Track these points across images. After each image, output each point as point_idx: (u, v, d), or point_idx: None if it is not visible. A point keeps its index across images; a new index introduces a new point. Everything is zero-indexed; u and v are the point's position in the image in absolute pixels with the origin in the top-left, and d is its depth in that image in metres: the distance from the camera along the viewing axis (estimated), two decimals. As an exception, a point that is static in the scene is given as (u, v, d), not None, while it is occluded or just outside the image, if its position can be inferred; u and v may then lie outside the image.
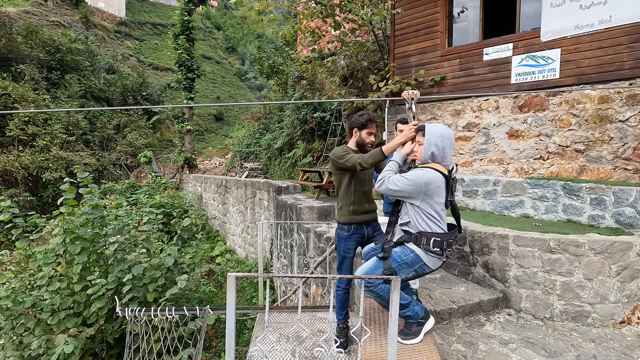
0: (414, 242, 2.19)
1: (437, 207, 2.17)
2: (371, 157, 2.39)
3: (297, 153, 10.96)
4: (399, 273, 2.18)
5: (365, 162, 2.39)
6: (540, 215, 4.72)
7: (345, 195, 2.65)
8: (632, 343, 3.27)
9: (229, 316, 1.80)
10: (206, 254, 7.95)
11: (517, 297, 3.78)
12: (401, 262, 2.18)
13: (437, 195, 2.14)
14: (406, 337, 2.30)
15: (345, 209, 2.65)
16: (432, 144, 2.15)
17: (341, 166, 2.58)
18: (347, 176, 2.64)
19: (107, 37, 27.65)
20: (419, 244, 2.18)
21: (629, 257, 3.41)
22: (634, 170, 4.55)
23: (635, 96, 4.53)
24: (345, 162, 2.52)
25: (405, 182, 2.11)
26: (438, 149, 2.15)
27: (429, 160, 2.20)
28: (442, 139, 2.16)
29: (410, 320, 2.36)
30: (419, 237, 2.16)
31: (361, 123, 2.63)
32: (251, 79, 33.03)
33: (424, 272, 2.28)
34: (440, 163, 2.20)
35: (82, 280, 4.35)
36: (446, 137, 2.19)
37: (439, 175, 2.13)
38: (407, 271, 2.21)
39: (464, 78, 5.98)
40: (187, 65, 14.44)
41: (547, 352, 3.12)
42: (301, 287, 1.56)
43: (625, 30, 4.53)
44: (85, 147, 16.91)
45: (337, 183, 2.73)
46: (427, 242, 2.15)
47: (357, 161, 2.42)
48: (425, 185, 2.10)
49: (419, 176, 2.11)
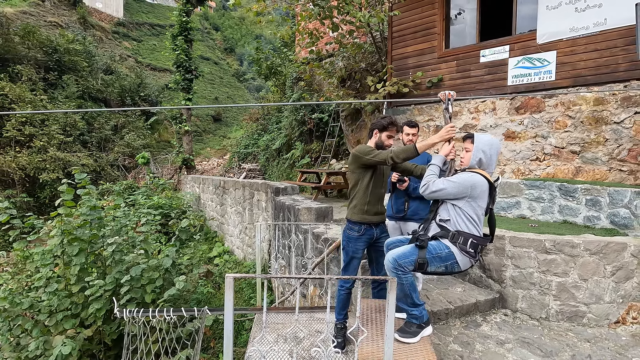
0: (450, 239, 2.26)
1: (478, 210, 2.25)
2: (404, 152, 2.41)
3: (296, 154, 10.98)
4: (430, 265, 2.25)
5: (397, 157, 2.40)
6: (536, 216, 4.75)
7: (362, 194, 2.66)
8: (626, 343, 3.30)
9: (227, 317, 1.81)
10: (204, 255, 7.95)
11: (513, 298, 3.80)
12: (435, 255, 2.24)
13: (480, 199, 2.23)
14: (404, 335, 2.32)
15: (359, 207, 2.66)
16: (480, 150, 2.25)
17: (366, 162, 2.58)
18: (367, 175, 2.65)
19: (105, 38, 27.60)
20: (455, 242, 2.25)
21: (623, 258, 3.44)
22: (629, 171, 4.59)
23: (630, 98, 4.58)
24: (372, 157, 2.52)
25: (450, 183, 2.20)
26: (485, 156, 2.25)
27: (475, 166, 2.29)
28: (490, 147, 2.26)
29: (413, 320, 2.38)
30: (457, 236, 2.23)
31: (382, 125, 2.70)
32: (249, 79, 33.03)
33: (453, 270, 2.35)
34: (485, 170, 2.30)
35: (80, 282, 4.35)
36: (494, 146, 2.30)
37: (485, 181, 2.22)
38: (438, 265, 2.27)
39: (461, 80, 6.02)
40: (185, 66, 14.44)
41: (542, 352, 3.14)
42: (298, 288, 1.57)
43: (620, 33, 4.57)
44: (82, 148, 16.86)
45: (354, 181, 2.72)
46: (464, 242, 2.22)
47: (389, 155, 2.44)
48: (471, 187, 2.18)
49: (465, 179, 2.20)
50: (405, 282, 2.22)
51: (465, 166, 2.35)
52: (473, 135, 2.34)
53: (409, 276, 2.26)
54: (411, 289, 2.28)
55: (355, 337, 2.02)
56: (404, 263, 2.20)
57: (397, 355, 1.98)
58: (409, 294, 2.28)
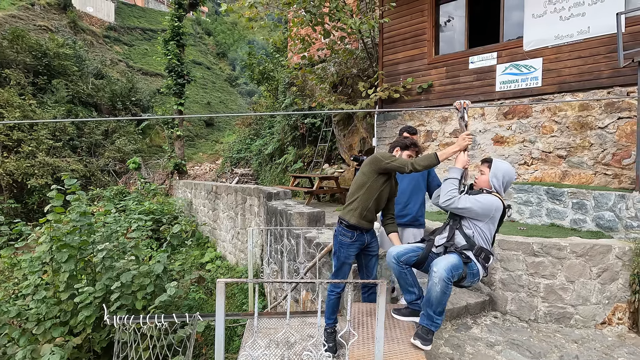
0: (474, 253, 2.35)
1: (492, 230, 2.38)
2: (425, 159, 2.46)
3: (288, 159, 11.00)
4: (467, 278, 2.38)
5: (418, 164, 2.45)
6: (525, 219, 4.84)
7: (366, 199, 2.67)
8: (612, 343, 3.37)
9: (218, 322, 1.82)
10: (196, 260, 7.89)
11: (502, 300, 3.86)
12: (471, 271, 2.36)
13: (497, 221, 2.36)
14: (425, 343, 2.37)
15: (359, 211, 2.67)
16: (494, 177, 2.37)
17: (385, 167, 2.60)
18: (379, 182, 2.67)
19: (96, 42, 27.38)
20: (478, 256, 2.36)
21: (608, 260, 3.52)
22: (614, 175, 4.71)
23: (613, 104, 4.71)
24: (392, 162, 2.56)
25: (477, 203, 2.29)
26: (498, 183, 2.37)
27: (491, 189, 2.39)
28: (504, 175, 2.37)
29: (432, 328, 2.43)
30: (479, 250, 2.35)
31: (405, 145, 2.83)
32: (242, 84, 33.01)
33: (474, 284, 2.50)
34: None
35: (69, 289, 4.30)
36: (508, 174, 2.41)
37: (502, 205, 2.34)
38: (470, 279, 2.40)
39: (450, 85, 6.12)
40: (177, 70, 14.40)
41: (531, 354, 3.19)
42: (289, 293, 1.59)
43: (602, 41, 4.71)
44: (72, 153, 16.63)
45: (361, 183, 2.71)
46: (486, 258, 2.35)
47: (409, 162, 2.49)
48: (495, 210, 2.31)
49: (491, 202, 2.30)
50: (448, 292, 2.28)
51: (478, 188, 2.45)
52: (491, 160, 2.44)
53: (452, 285, 2.32)
54: (447, 298, 2.35)
55: (346, 341, 2.03)
56: (455, 274, 2.28)
57: (387, 357, 2.00)
58: (444, 303, 2.35)
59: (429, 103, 6.35)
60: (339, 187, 7.86)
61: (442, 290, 2.22)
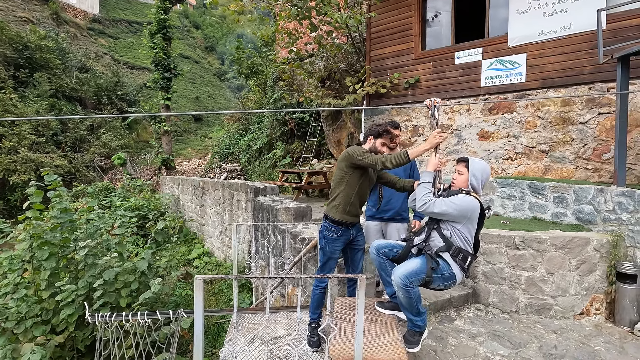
0: (451, 253, 2.34)
1: (472, 231, 2.35)
2: (396, 157, 2.45)
3: (277, 154, 10.94)
4: (433, 283, 2.36)
5: (388, 162, 2.44)
6: (508, 213, 4.91)
7: (347, 194, 2.68)
8: (590, 333, 3.47)
9: (197, 319, 1.81)
10: (183, 257, 7.82)
11: (485, 293, 3.93)
12: (440, 275, 2.34)
13: (475, 221, 2.33)
14: (411, 346, 2.39)
15: (342, 207, 2.68)
16: (472, 176, 2.35)
17: (357, 163, 2.60)
18: (356, 176, 2.67)
19: (80, 35, 26.66)
20: (455, 256, 2.34)
21: (587, 252, 3.61)
22: (594, 169, 4.81)
23: (594, 99, 4.79)
24: (364, 159, 2.55)
25: (452, 205, 2.26)
26: (477, 181, 2.35)
27: (469, 188, 2.38)
28: (482, 172, 2.36)
29: (416, 329, 2.45)
30: (457, 251, 2.33)
31: (377, 132, 2.79)
32: (231, 79, 32.62)
33: (449, 287, 2.48)
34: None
35: (51, 287, 4.21)
36: (485, 172, 2.40)
37: (479, 205, 2.31)
38: (439, 283, 2.38)
39: (437, 81, 6.15)
40: (163, 64, 14.13)
41: (512, 344, 3.26)
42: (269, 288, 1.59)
43: (584, 37, 4.78)
44: (56, 149, 16.23)
45: (339, 179, 2.71)
46: (464, 259, 2.33)
47: (380, 159, 2.47)
48: (472, 211, 2.28)
49: (468, 202, 2.27)
50: (413, 296, 2.29)
51: (458, 188, 2.43)
52: (467, 160, 2.43)
53: (417, 289, 2.32)
54: (417, 301, 2.35)
55: (326, 335, 2.05)
56: (413, 280, 2.28)
57: (367, 351, 2.02)
58: (415, 305, 2.35)
59: (416, 98, 6.37)
60: (327, 182, 7.86)
61: (404, 296, 2.25)
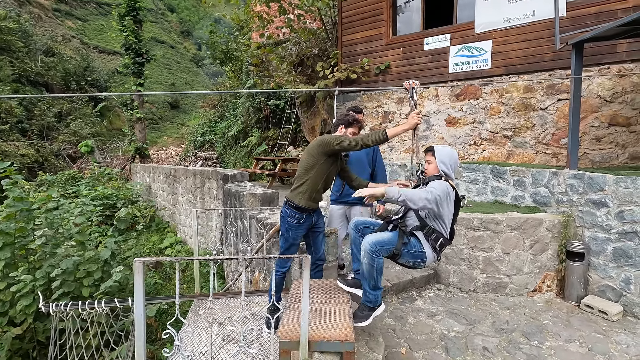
0: (425, 232, 2.36)
1: (450, 216, 2.37)
2: (374, 135, 2.52)
3: (252, 141, 10.80)
4: (402, 257, 2.37)
5: (368, 140, 2.51)
6: (472, 197, 5.05)
7: (314, 181, 2.67)
8: (540, 308, 3.65)
9: (137, 305, 1.77)
10: (155, 245, 7.69)
11: (446, 273, 4.05)
12: (409, 251, 2.36)
13: (451, 205, 2.34)
14: (359, 321, 2.41)
15: (308, 193, 2.68)
16: (441, 162, 2.39)
17: (335, 149, 2.59)
18: (327, 164, 2.67)
19: (45, 16, 25.19)
20: (428, 236, 2.36)
21: (539, 232, 3.76)
22: (552, 154, 4.99)
23: (554, 86, 4.93)
24: (342, 142, 2.56)
25: (434, 192, 2.22)
26: (446, 167, 2.38)
27: (441, 174, 2.40)
28: (449, 158, 2.40)
29: (367, 304, 2.46)
30: (431, 231, 2.35)
31: (348, 121, 2.87)
32: (208, 65, 31.74)
33: (418, 267, 2.50)
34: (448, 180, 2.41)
35: (6, 278, 4.06)
36: (453, 157, 2.43)
37: (453, 190, 2.34)
38: (408, 259, 2.39)
39: (407, 67, 6.18)
40: (134, 48, 13.57)
41: (467, 321, 3.39)
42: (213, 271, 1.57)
43: (545, 25, 4.88)
44: (21, 137, 15.45)
45: (308, 166, 2.67)
46: (436, 239, 2.35)
47: (359, 138, 2.53)
48: (448, 196, 2.29)
49: (442, 184, 2.28)
50: (375, 265, 2.29)
51: (429, 175, 2.46)
52: (433, 148, 2.47)
53: (381, 260, 2.33)
54: (378, 273, 2.35)
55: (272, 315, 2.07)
56: (381, 249, 2.29)
57: (315, 329, 2.05)
58: (375, 277, 2.36)
59: (387, 84, 6.39)
60: (301, 169, 7.82)
61: (368, 263, 2.27)
